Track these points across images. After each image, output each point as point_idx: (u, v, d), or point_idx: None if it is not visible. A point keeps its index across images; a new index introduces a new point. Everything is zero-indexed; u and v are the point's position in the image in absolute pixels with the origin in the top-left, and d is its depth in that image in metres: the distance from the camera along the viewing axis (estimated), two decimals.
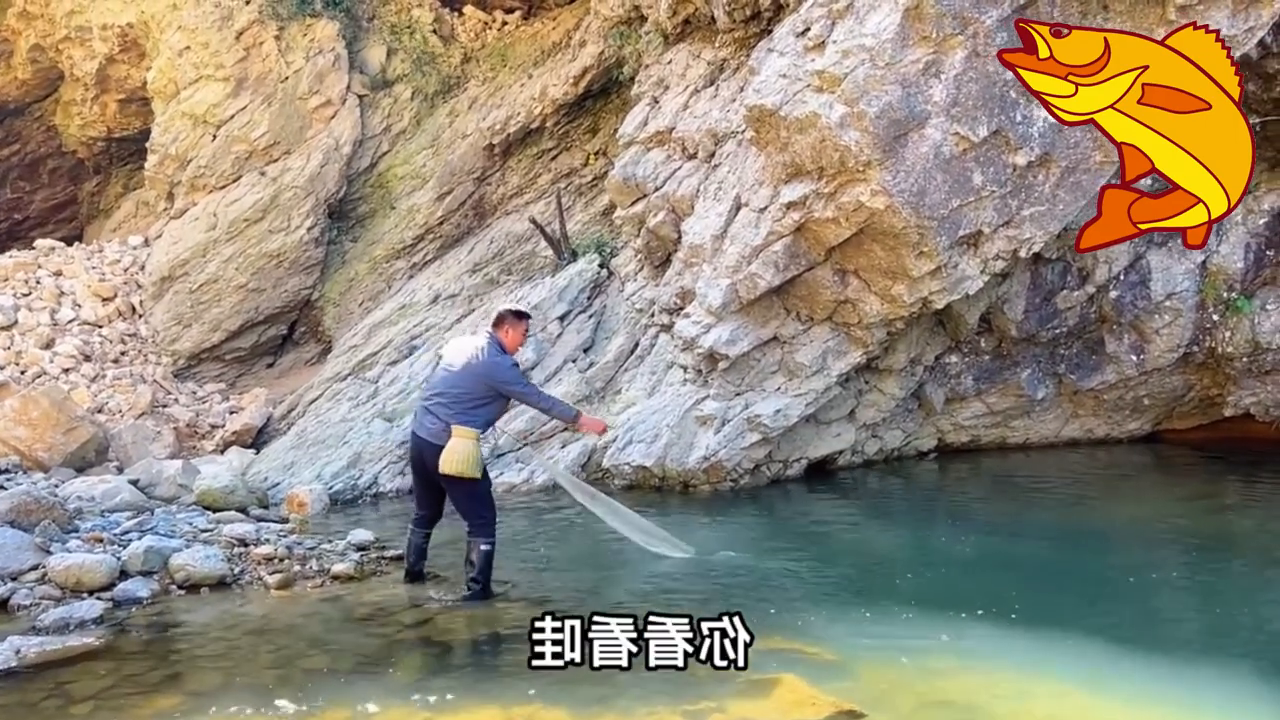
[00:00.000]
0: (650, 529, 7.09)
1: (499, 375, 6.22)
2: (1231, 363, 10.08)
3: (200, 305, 14.21)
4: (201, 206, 14.66)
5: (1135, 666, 5.13)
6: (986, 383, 10.58)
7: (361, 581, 6.78)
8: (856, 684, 4.88)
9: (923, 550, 7.89)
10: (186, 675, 5.21)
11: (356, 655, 5.44)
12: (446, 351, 6.60)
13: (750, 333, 9.19)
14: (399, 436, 10.29)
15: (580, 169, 14.52)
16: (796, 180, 8.57)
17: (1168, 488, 9.82)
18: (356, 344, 13.34)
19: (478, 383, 6.19)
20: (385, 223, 15.17)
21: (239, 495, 8.82)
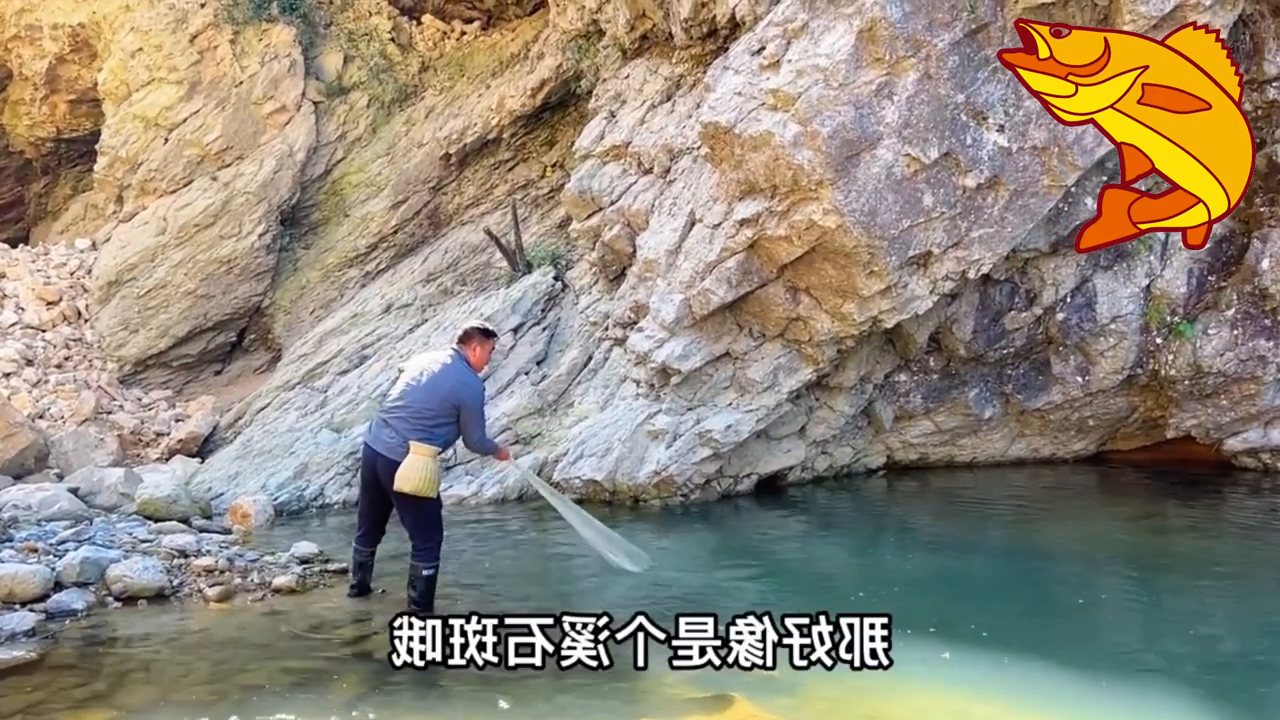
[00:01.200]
0: (612, 537, 6.97)
1: (466, 395, 6.05)
2: (1174, 385, 10.25)
3: (148, 311, 13.96)
4: (151, 210, 14.42)
5: (1075, 686, 5.20)
6: (935, 401, 10.68)
7: (303, 595, 6.69)
8: (799, 702, 4.90)
9: (870, 567, 7.94)
10: (119, 690, 5.10)
11: (295, 671, 5.36)
12: (409, 365, 6.43)
13: (703, 348, 9.21)
14: (347, 447, 10.19)
15: (537, 181, 14.49)
16: (750, 197, 8.62)
17: (1110, 507, 9.97)
18: (306, 352, 13.18)
19: (443, 401, 6.02)
20: (339, 230, 15.02)
21: (182, 505, 8.67)
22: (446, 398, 6.02)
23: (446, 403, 6.02)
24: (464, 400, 6.05)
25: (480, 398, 6.22)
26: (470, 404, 6.07)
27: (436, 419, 6.03)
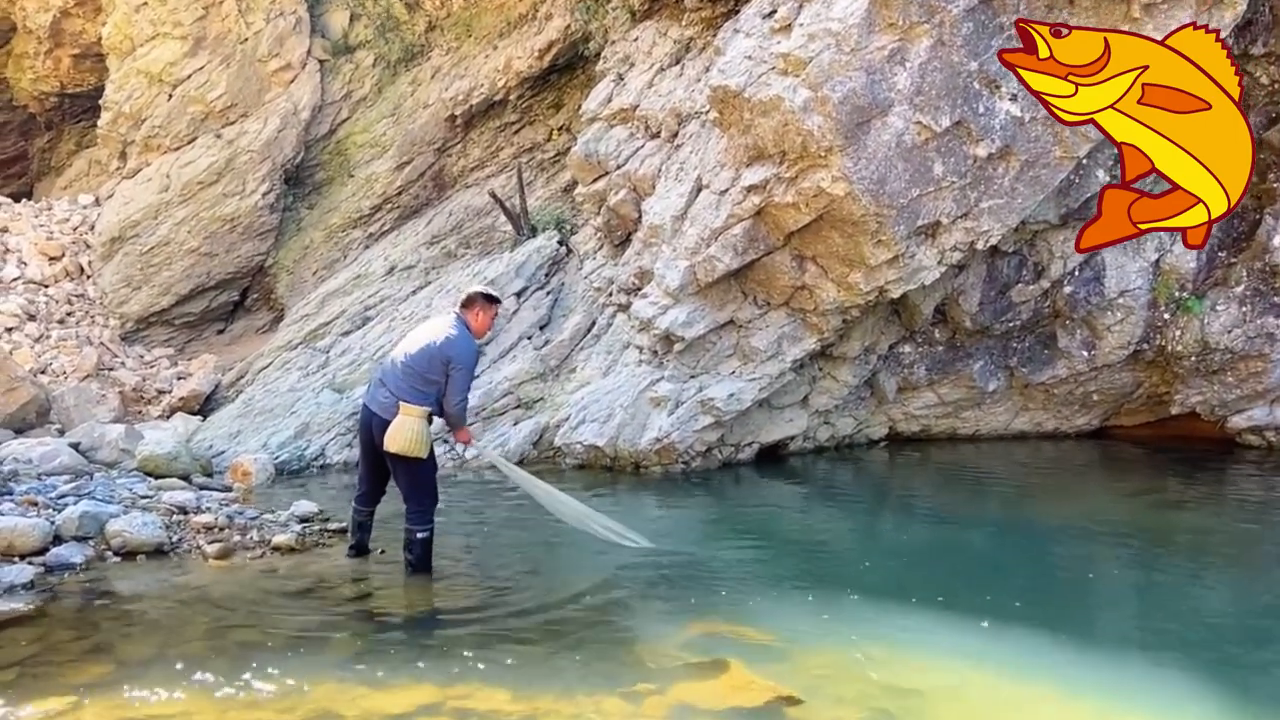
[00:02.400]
0: (596, 518, 6.83)
1: (455, 352, 5.97)
2: (1180, 361, 10.19)
3: (150, 268, 13.93)
4: (155, 167, 14.36)
5: (1071, 659, 5.16)
6: (939, 373, 10.63)
7: (302, 554, 6.68)
8: (795, 669, 4.88)
9: (869, 538, 7.94)
10: (117, 644, 5.10)
11: (292, 629, 5.35)
12: (413, 330, 6.41)
13: (707, 315, 9.16)
14: (348, 408, 10.17)
15: (542, 144, 14.36)
16: (758, 163, 8.54)
17: (1112, 483, 9.94)
18: (309, 313, 13.14)
19: (432, 359, 5.98)
20: (342, 191, 14.94)
21: (182, 462, 8.66)
22: (436, 355, 5.97)
23: (436, 360, 5.97)
24: (452, 356, 5.96)
25: (471, 360, 6.11)
26: (459, 361, 5.99)
27: (428, 380, 5.99)
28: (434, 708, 4.37)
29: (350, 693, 4.51)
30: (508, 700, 4.47)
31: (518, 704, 4.42)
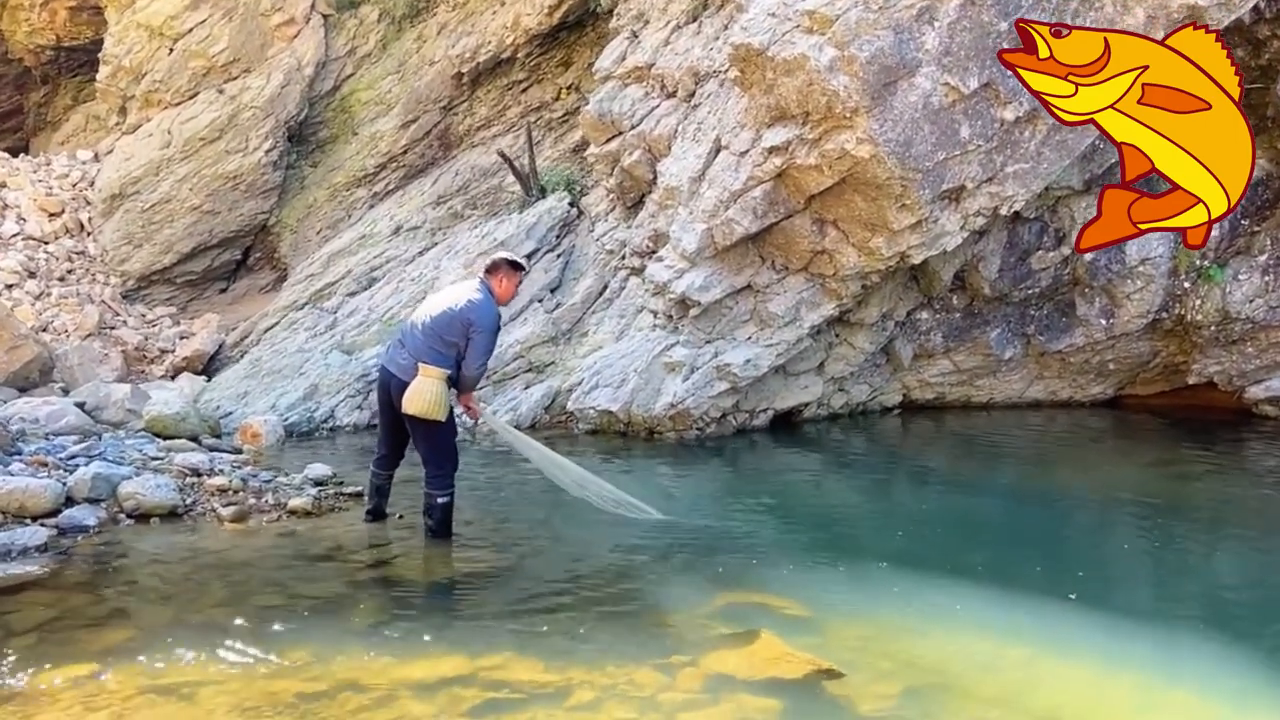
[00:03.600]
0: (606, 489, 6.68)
1: (477, 316, 5.82)
2: (1200, 331, 10.07)
3: (152, 225, 13.71)
4: (155, 123, 14.09)
5: (1102, 631, 5.07)
6: (955, 340, 10.51)
7: (319, 518, 6.57)
8: (828, 641, 4.78)
9: (890, 508, 7.84)
10: (135, 609, 4.99)
11: (314, 595, 5.25)
12: (435, 293, 6.32)
13: (724, 280, 9.00)
14: (357, 370, 10.03)
15: (551, 103, 14.11)
16: (780, 124, 8.35)
17: (1128, 452, 9.85)
18: (314, 273, 12.96)
19: (454, 323, 5.83)
20: (346, 149, 14.70)
21: (191, 423, 8.53)
22: (457, 318, 5.84)
23: (456, 323, 5.83)
24: (474, 320, 5.82)
25: (493, 325, 5.95)
26: (480, 325, 5.84)
27: (447, 342, 5.86)
28: (466, 679, 4.26)
29: (377, 662, 4.41)
30: (539, 670, 4.37)
31: (550, 674, 4.32)
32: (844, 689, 4.28)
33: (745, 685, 4.24)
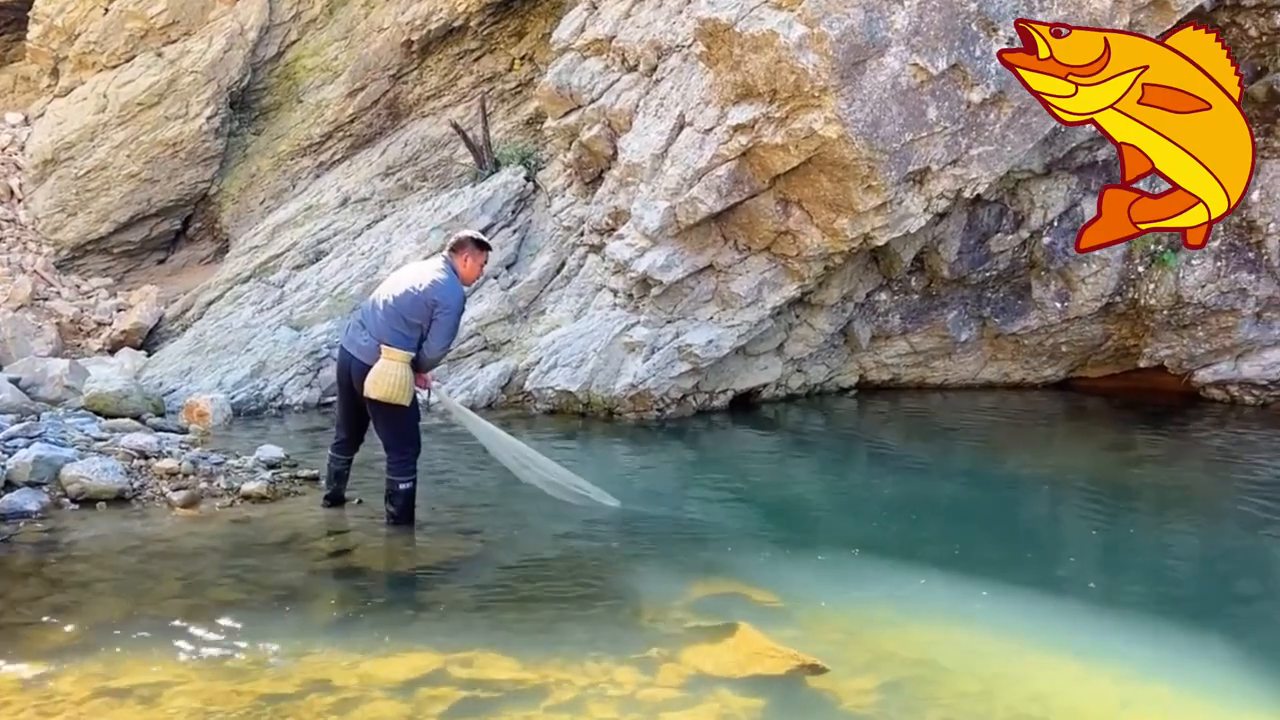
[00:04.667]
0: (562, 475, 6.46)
1: (441, 297, 5.60)
2: (1152, 315, 10.18)
3: (87, 193, 13.18)
4: (90, 86, 13.52)
5: (1070, 617, 5.11)
6: (913, 322, 10.51)
7: (274, 503, 6.33)
8: (804, 634, 4.71)
9: (851, 492, 7.81)
10: (85, 603, 4.75)
11: (274, 587, 5.05)
12: (396, 271, 6.10)
13: (686, 259, 8.87)
14: (307, 346, 9.75)
15: (504, 74, 13.79)
16: (746, 102, 8.21)
17: (1080, 435, 9.98)
18: (258, 244, 12.56)
19: (417, 303, 5.62)
20: (291, 117, 14.24)
21: (133, 401, 8.19)
22: (421, 298, 5.62)
23: (420, 303, 5.62)
24: (439, 301, 5.62)
25: (457, 305, 5.75)
26: (445, 306, 5.65)
27: (411, 323, 5.65)
28: (437, 676, 4.12)
29: (344, 659, 4.24)
30: (514, 668, 4.24)
31: (525, 672, 4.19)
32: (825, 683, 4.21)
33: (727, 682, 4.15)
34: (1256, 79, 9.41)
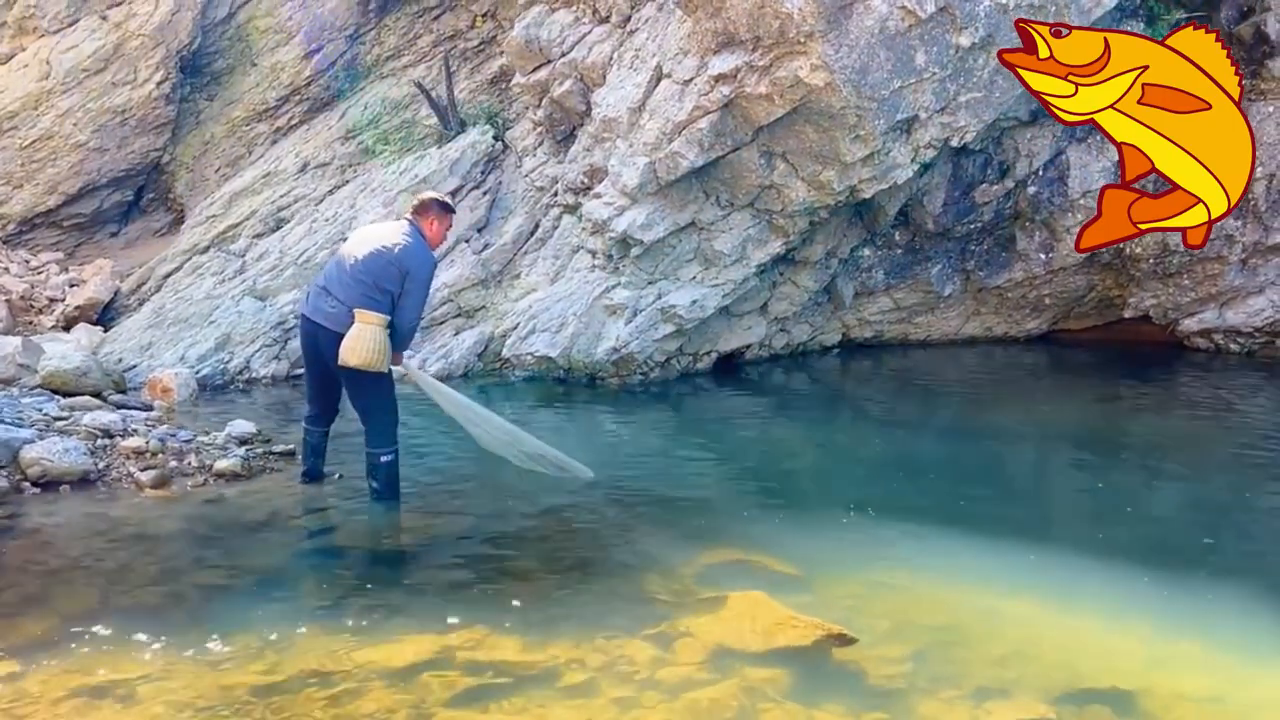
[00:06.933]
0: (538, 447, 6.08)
1: (414, 263, 5.32)
2: (1138, 264, 10.03)
3: (33, 164, 12.63)
4: (31, 52, 12.94)
5: (1085, 575, 4.95)
6: (896, 277, 10.30)
7: (249, 480, 5.99)
8: (818, 600, 4.49)
9: (843, 452, 7.61)
10: (54, 593, 4.41)
11: (256, 570, 4.75)
12: (356, 233, 5.77)
13: (666, 217, 8.57)
14: (273, 317, 9.36)
15: (465, 31, 13.33)
16: (728, 50, 7.90)
17: (1065, 387, 9.84)
18: (215, 214, 12.09)
19: (388, 267, 5.30)
20: (245, 81, 13.73)
21: (93, 378, 7.79)
22: (392, 263, 5.31)
23: (392, 268, 5.31)
24: (411, 268, 5.33)
25: (428, 272, 5.48)
26: (416, 273, 5.36)
27: (382, 289, 5.33)
28: (441, 660, 3.84)
29: (338, 644, 3.96)
30: (520, 648, 3.98)
31: (534, 653, 3.93)
32: (851, 654, 3.99)
33: (750, 656, 3.92)
34: (1243, 20, 9.23)
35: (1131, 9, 9.18)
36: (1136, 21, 9.19)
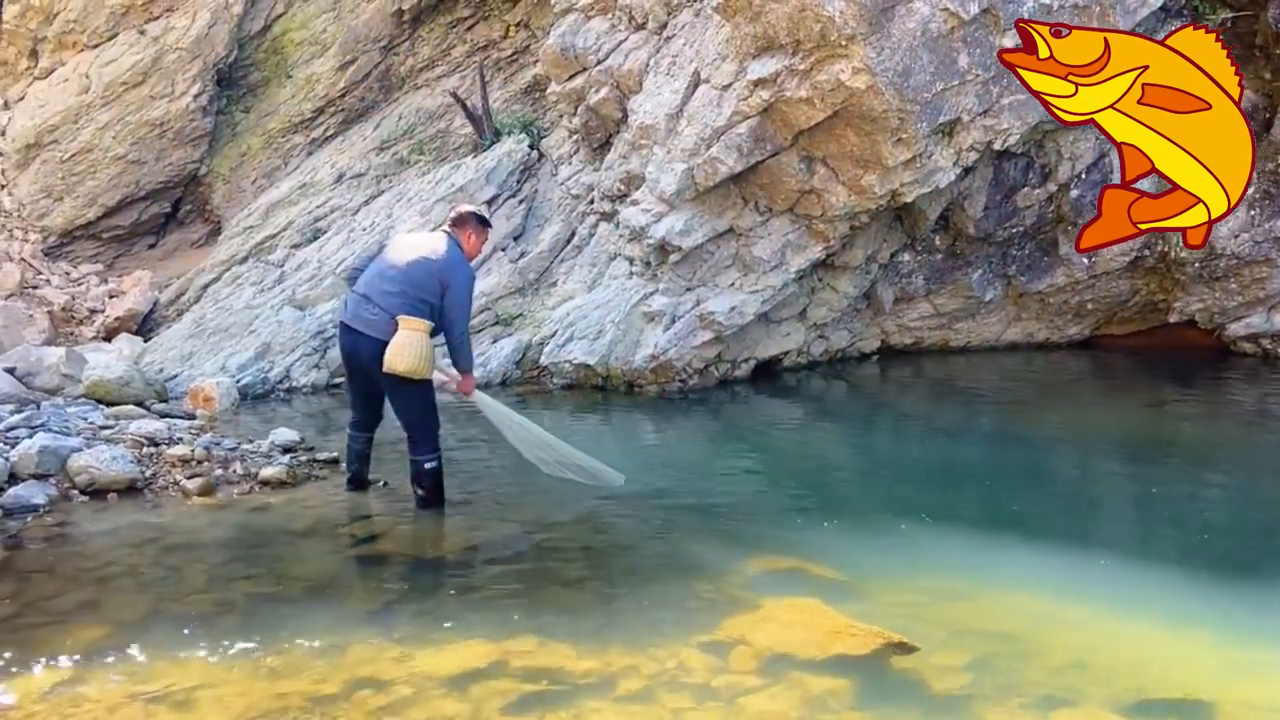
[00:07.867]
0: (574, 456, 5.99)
1: (454, 276, 5.33)
2: (1183, 268, 9.87)
3: (73, 177, 12.75)
4: (71, 67, 13.07)
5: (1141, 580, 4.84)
6: (937, 283, 10.19)
7: (295, 488, 5.98)
8: (873, 609, 4.40)
9: (888, 460, 7.55)
10: (106, 600, 4.42)
11: (305, 577, 4.73)
12: (393, 241, 5.76)
13: (705, 223, 8.53)
14: (313, 326, 9.38)
15: (499, 41, 13.37)
16: (767, 55, 7.84)
17: (1109, 393, 9.73)
18: (253, 224, 12.17)
19: (430, 277, 5.30)
20: (281, 93, 13.81)
21: (135, 388, 7.84)
22: (434, 273, 5.31)
23: (433, 278, 5.31)
24: (452, 280, 5.33)
25: (469, 285, 5.49)
26: (457, 285, 5.36)
27: (423, 296, 5.32)
28: (496, 669, 3.80)
29: (390, 652, 3.93)
30: (573, 655, 3.92)
31: (588, 660, 3.87)
32: (911, 663, 3.91)
33: (808, 664, 3.84)
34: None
35: (1176, 8, 9.05)
36: (1181, 21, 9.06)
